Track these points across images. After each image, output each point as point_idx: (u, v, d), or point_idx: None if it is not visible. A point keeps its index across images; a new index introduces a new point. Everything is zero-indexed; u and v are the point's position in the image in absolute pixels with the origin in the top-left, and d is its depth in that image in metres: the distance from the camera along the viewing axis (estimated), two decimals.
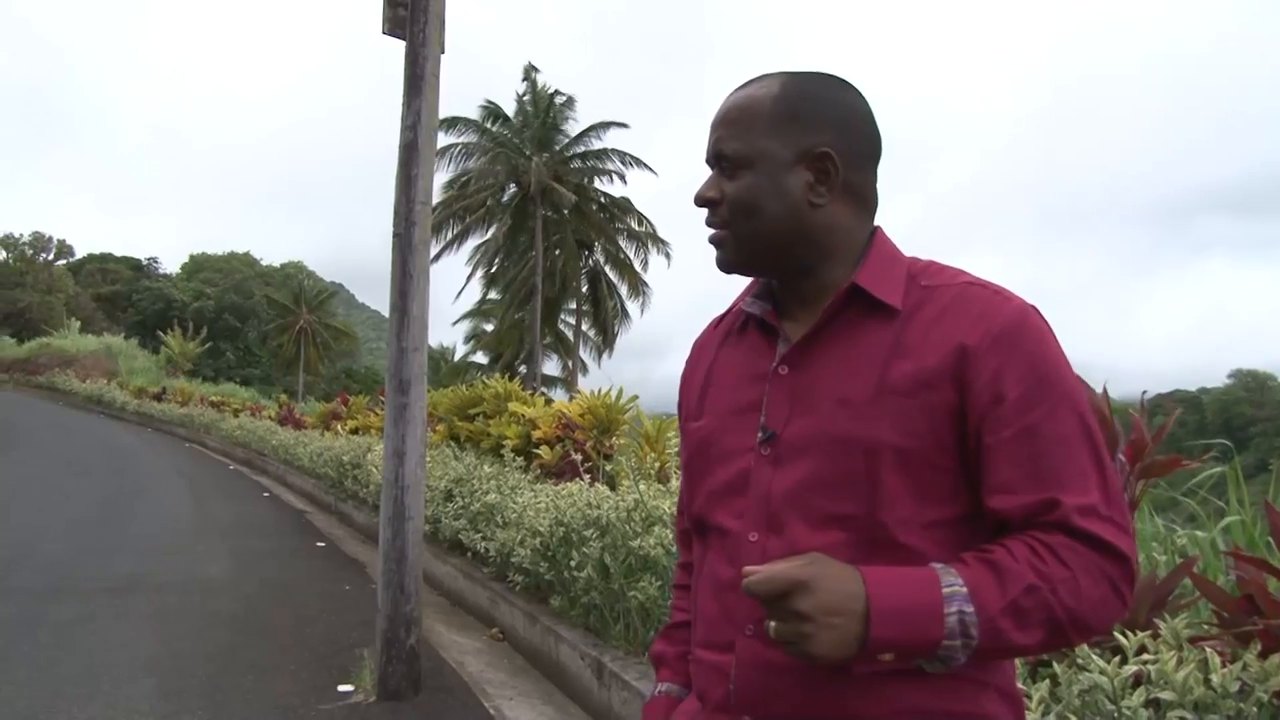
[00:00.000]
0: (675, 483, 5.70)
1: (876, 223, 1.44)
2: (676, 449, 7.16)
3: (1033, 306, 1.32)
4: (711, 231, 1.43)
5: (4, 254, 68.66)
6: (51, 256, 70.99)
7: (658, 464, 6.61)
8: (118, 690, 5.32)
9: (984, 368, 1.25)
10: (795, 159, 1.35)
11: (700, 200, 1.42)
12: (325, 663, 5.91)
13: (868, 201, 1.41)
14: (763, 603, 1.17)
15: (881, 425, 1.27)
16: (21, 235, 70.19)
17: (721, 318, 1.58)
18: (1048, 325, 1.31)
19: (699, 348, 1.60)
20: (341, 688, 5.42)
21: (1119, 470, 2.88)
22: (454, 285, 45.00)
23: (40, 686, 5.38)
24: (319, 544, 10.76)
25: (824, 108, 1.37)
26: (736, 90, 1.42)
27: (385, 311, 5.79)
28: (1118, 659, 2.33)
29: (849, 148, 1.36)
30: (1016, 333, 1.26)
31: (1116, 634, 2.43)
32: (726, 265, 1.43)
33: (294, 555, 10.00)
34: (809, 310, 1.39)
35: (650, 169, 42.83)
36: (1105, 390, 3.03)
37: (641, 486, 5.56)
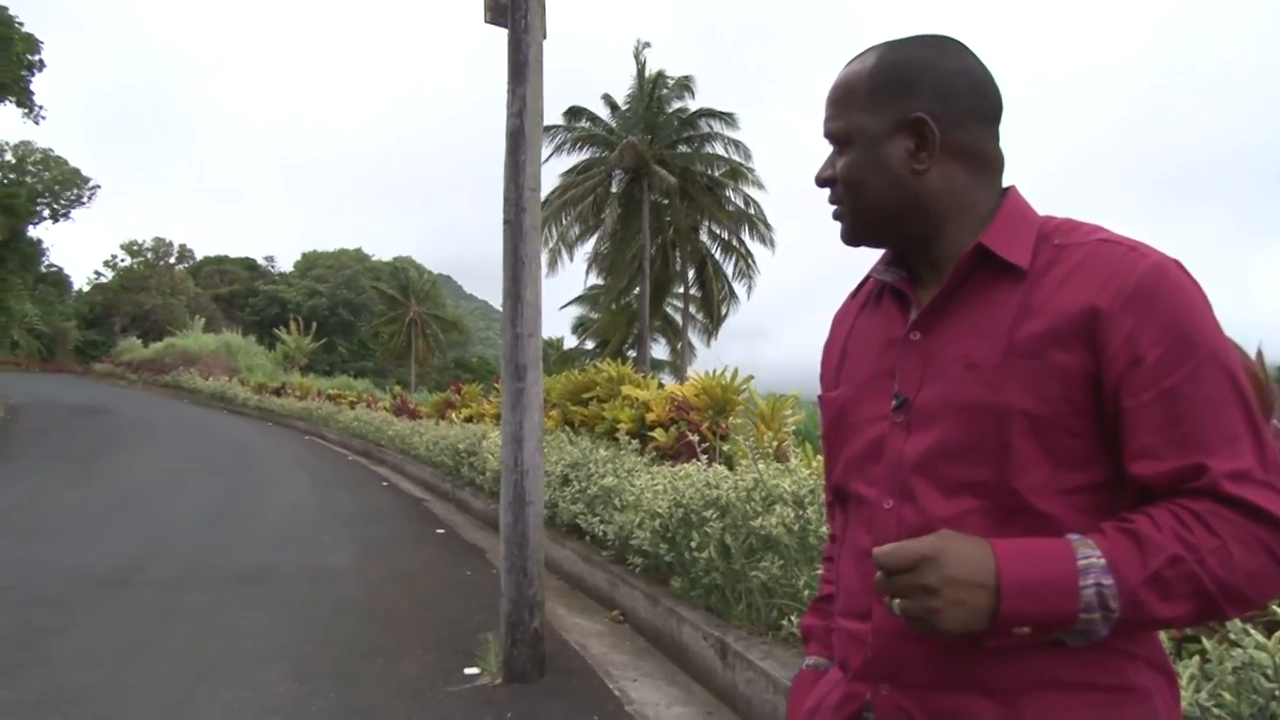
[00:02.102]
0: (794, 461, 5.64)
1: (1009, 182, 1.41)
2: (793, 428, 7.11)
3: (1174, 261, 1.25)
4: (833, 209, 1.43)
5: (129, 259, 70.97)
6: (173, 260, 73.22)
7: (775, 443, 6.55)
8: (253, 674, 5.47)
9: (1118, 329, 1.20)
10: (891, 129, 1.34)
11: (818, 180, 1.44)
12: (450, 646, 5.98)
13: (984, 161, 1.37)
14: (890, 577, 1.16)
15: (1011, 390, 1.23)
16: (144, 241, 72.52)
17: (859, 288, 1.56)
18: (1191, 280, 1.24)
19: (838, 319, 1.59)
20: (467, 670, 5.48)
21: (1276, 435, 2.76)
22: (565, 274, 45.30)
23: (181, 671, 5.56)
24: (438, 531, 10.92)
25: (918, 73, 1.34)
26: (842, 68, 1.42)
27: (493, 301, 5.85)
28: (1277, 634, 2.22)
29: (949, 109, 1.33)
30: (1153, 290, 1.21)
31: (1276, 607, 2.32)
32: (848, 239, 1.43)
33: (415, 542, 10.16)
34: (939, 275, 1.37)
35: (749, 145, 42.67)
36: (1260, 352, 2.87)
37: (760, 466, 5.52)
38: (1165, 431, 1.18)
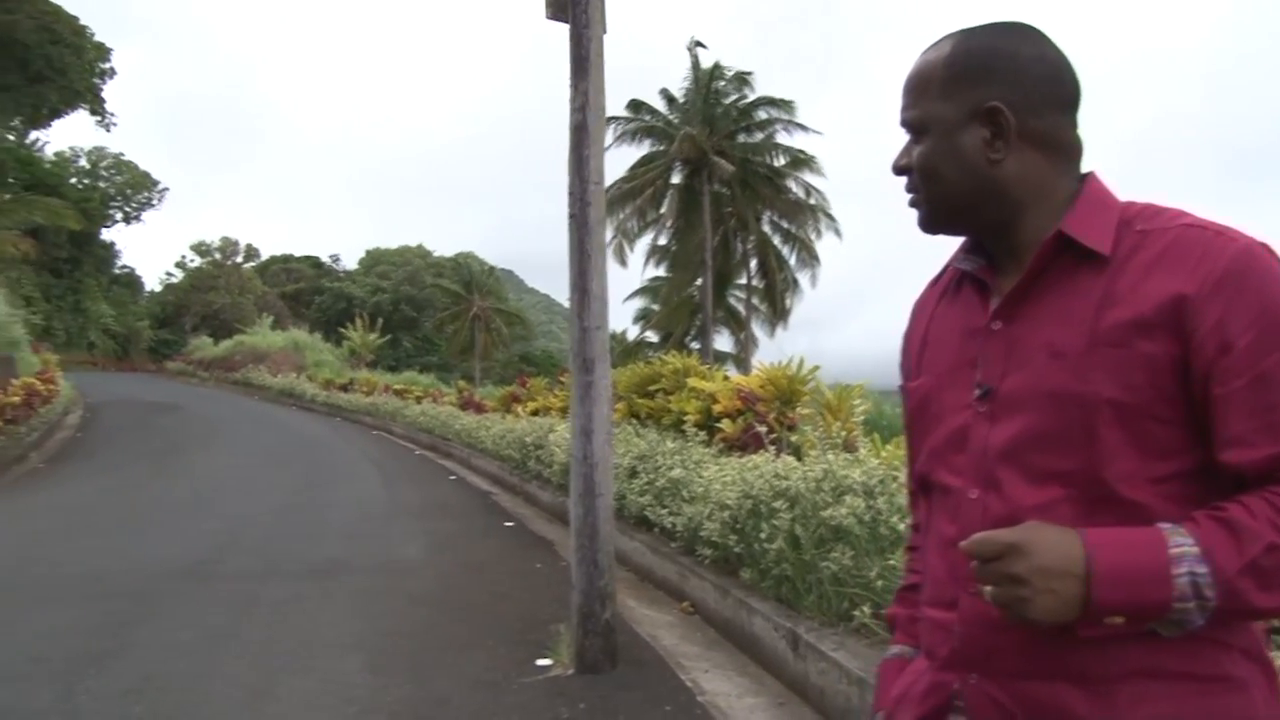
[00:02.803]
0: (864, 452, 5.63)
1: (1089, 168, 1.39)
2: (861, 418, 7.08)
3: (1262, 244, 1.24)
4: (909, 196, 1.43)
5: (198, 260, 72.11)
6: (240, 259, 74.21)
7: (844, 433, 6.53)
8: (330, 665, 5.56)
9: (1206, 316, 1.18)
10: (966, 118, 1.34)
11: (894, 169, 1.44)
12: (522, 638, 6.03)
13: (1062, 147, 1.36)
14: (978, 566, 1.16)
15: (1096, 378, 1.22)
16: (212, 242, 73.61)
17: (938, 276, 1.56)
18: None
19: (918, 308, 1.58)
20: (539, 661, 5.52)
21: None
22: (630, 268, 45.33)
23: (260, 662, 5.68)
24: (507, 524, 11.00)
25: (993, 61, 1.34)
26: (918, 56, 1.42)
27: (555, 295, 5.89)
28: None
29: (1025, 97, 1.32)
30: (1242, 274, 1.19)
31: None
32: (924, 227, 1.43)
33: (484, 535, 10.26)
34: (1019, 263, 1.35)
35: (814, 131, 42.47)
36: None
37: (829, 456, 5.51)
38: (1257, 418, 1.17)
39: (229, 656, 5.79)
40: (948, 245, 1.49)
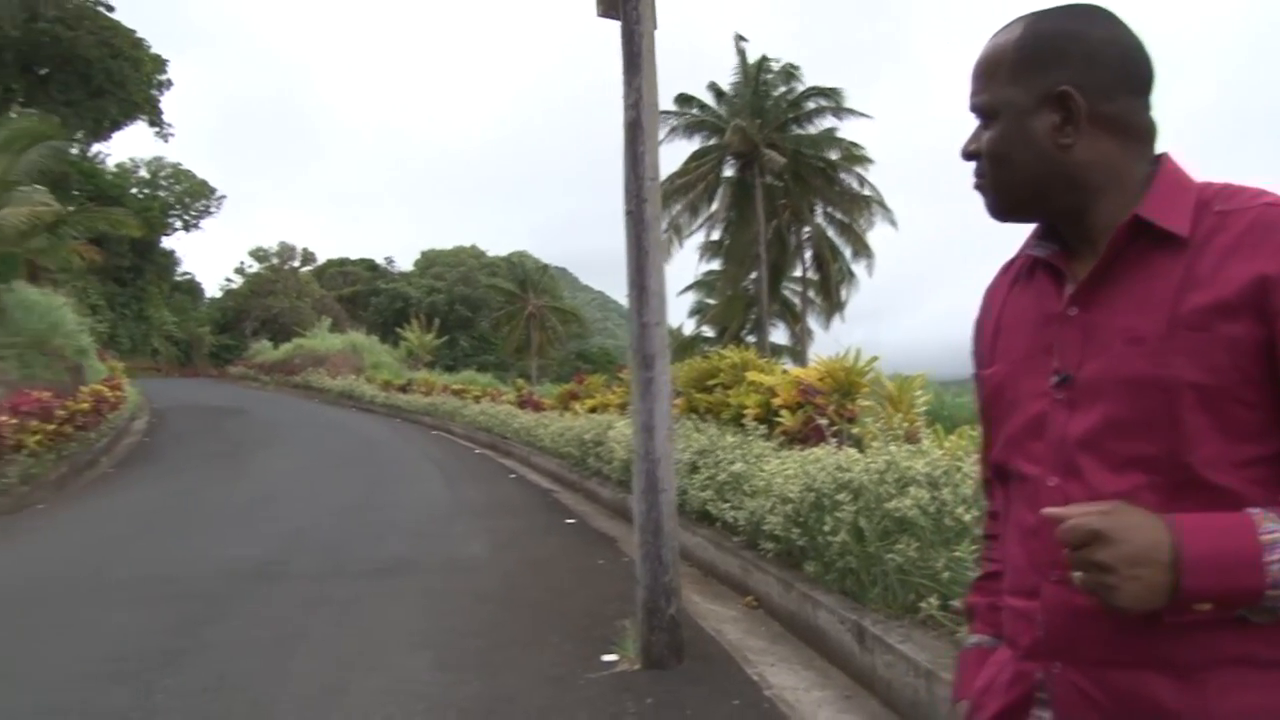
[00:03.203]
0: (927, 443, 5.60)
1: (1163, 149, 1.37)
2: (923, 409, 7.04)
3: None
4: (976, 182, 1.42)
5: (256, 265, 73.04)
6: (297, 264, 75.02)
7: (905, 424, 6.50)
8: (399, 663, 5.62)
9: None
10: (1037, 103, 1.32)
11: (964, 154, 1.42)
12: (587, 634, 6.06)
13: (1135, 131, 1.34)
14: (1067, 551, 1.15)
15: (1177, 362, 1.20)
16: (270, 247, 74.53)
17: (1010, 263, 1.54)
18: None
19: (989, 295, 1.56)
20: (605, 657, 5.54)
21: None
22: (680, 263, 45.33)
23: (330, 660, 5.77)
24: (568, 521, 11.05)
25: (1064, 44, 1.32)
26: (989, 40, 1.41)
27: (610, 292, 5.90)
28: None
29: (1096, 81, 1.31)
30: None
31: None
32: (994, 214, 1.42)
33: (545, 532, 10.31)
34: (1094, 248, 1.34)
35: (864, 114, 42.23)
36: None
37: (892, 448, 5.49)
38: None
39: (299, 655, 5.88)
40: (1007, 234, 1.47)
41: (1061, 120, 1.31)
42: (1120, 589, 1.11)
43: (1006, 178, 1.37)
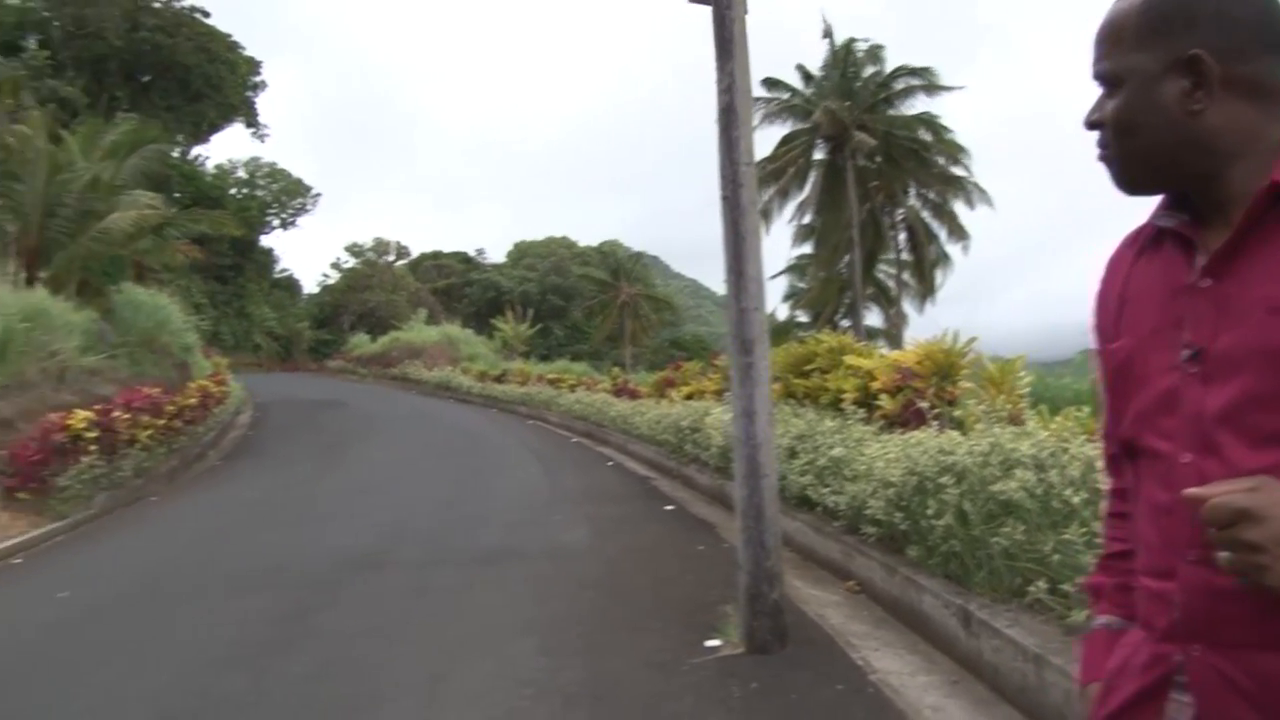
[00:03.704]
0: (1031, 424, 5.52)
1: None
2: (1025, 390, 6.93)
3: None
4: (1100, 153, 1.37)
5: (353, 260, 74.23)
6: (392, 258, 76.05)
7: (1008, 406, 6.41)
8: (503, 649, 5.71)
9: None
10: (1165, 69, 1.27)
11: (1087, 124, 1.38)
12: (689, 619, 6.08)
13: (1272, 93, 1.28)
14: (1210, 531, 1.11)
15: None
16: (365, 242, 75.72)
17: (1136, 233, 1.47)
18: None
19: (1112, 266, 1.50)
20: (709, 642, 5.56)
21: None
22: (772, 248, 45.10)
23: (438, 646, 5.88)
24: (667, 507, 11.08)
25: (1193, 6, 1.26)
26: (1112, 4, 1.35)
27: (702, 279, 5.89)
28: None
29: (1230, 42, 1.25)
30: None
31: None
32: (1121, 186, 1.37)
33: (645, 519, 10.35)
34: (1227, 217, 1.28)
35: (956, 88, 41.47)
36: None
37: (996, 430, 5.42)
38: None
39: (405, 642, 6.00)
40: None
41: (1191, 85, 1.26)
42: (1272, 569, 1.07)
43: (1133, 148, 1.32)
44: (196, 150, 57.78)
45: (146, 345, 19.62)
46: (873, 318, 44.57)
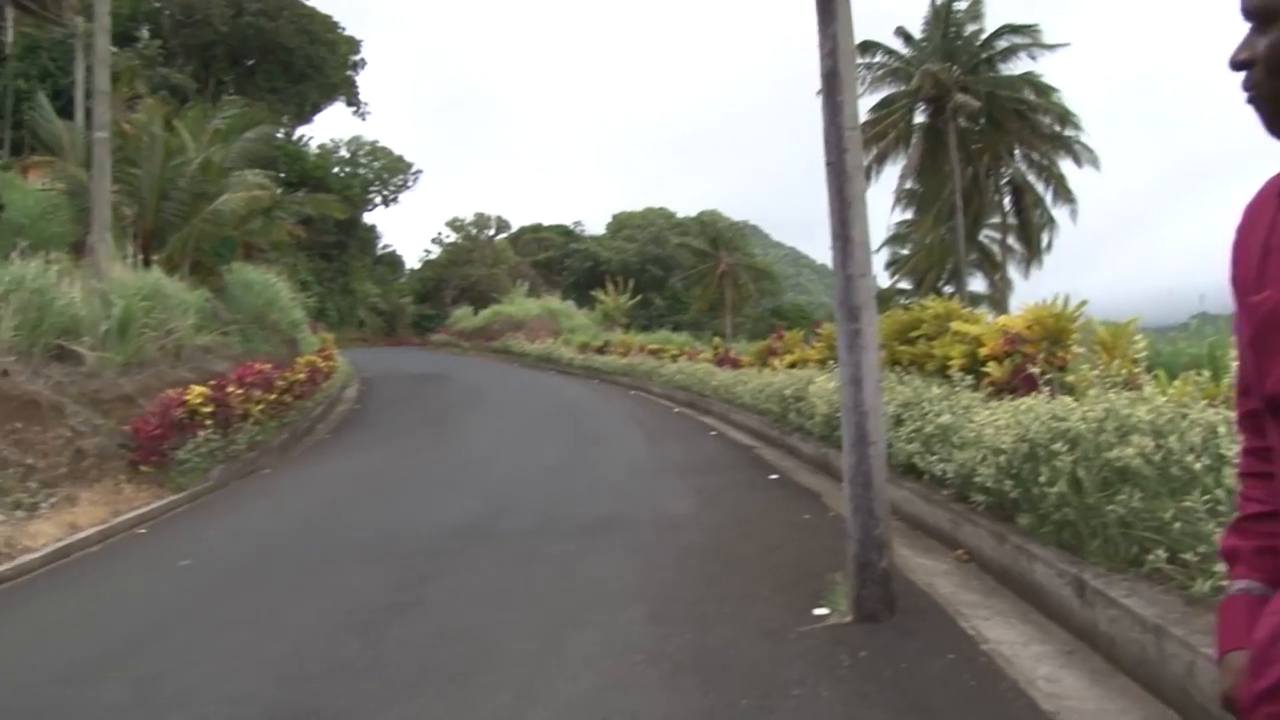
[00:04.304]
0: (1149, 389, 5.38)
1: None
2: (1141, 355, 6.75)
3: None
4: (1249, 95, 1.28)
5: (454, 235, 75.11)
6: (492, 232, 76.75)
7: (1123, 371, 6.26)
8: (611, 617, 5.77)
9: None
10: None
11: (1233, 63, 1.28)
12: (797, 588, 6.07)
13: None
14: None
15: None
16: (466, 217, 76.54)
17: (1278, 179, 1.38)
18: None
19: (1254, 213, 1.41)
20: (817, 611, 5.55)
21: None
22: (872, 214, 44.45)
23: (547, 613, 5.95)
24: (771, 476, 11.05)
25: None
26: None
27: (801, 247, 5.82)
28: None
29: None
30: None
31: None
32: (1272, 129, 1.28)
33: (749, 489, 10.34)
34: None
35: (1061, 45, 40.44)
36: None
37: (1110, 395, 5.30)
38: None
39: (516, 609, 6.09)
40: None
41: None
42: None
43: None
44: (300, 130, 59.00)
45: (257, 322, 20.16)
46: (977, 284, 43.80)
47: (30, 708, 4.95)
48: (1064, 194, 40.55)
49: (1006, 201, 41.75)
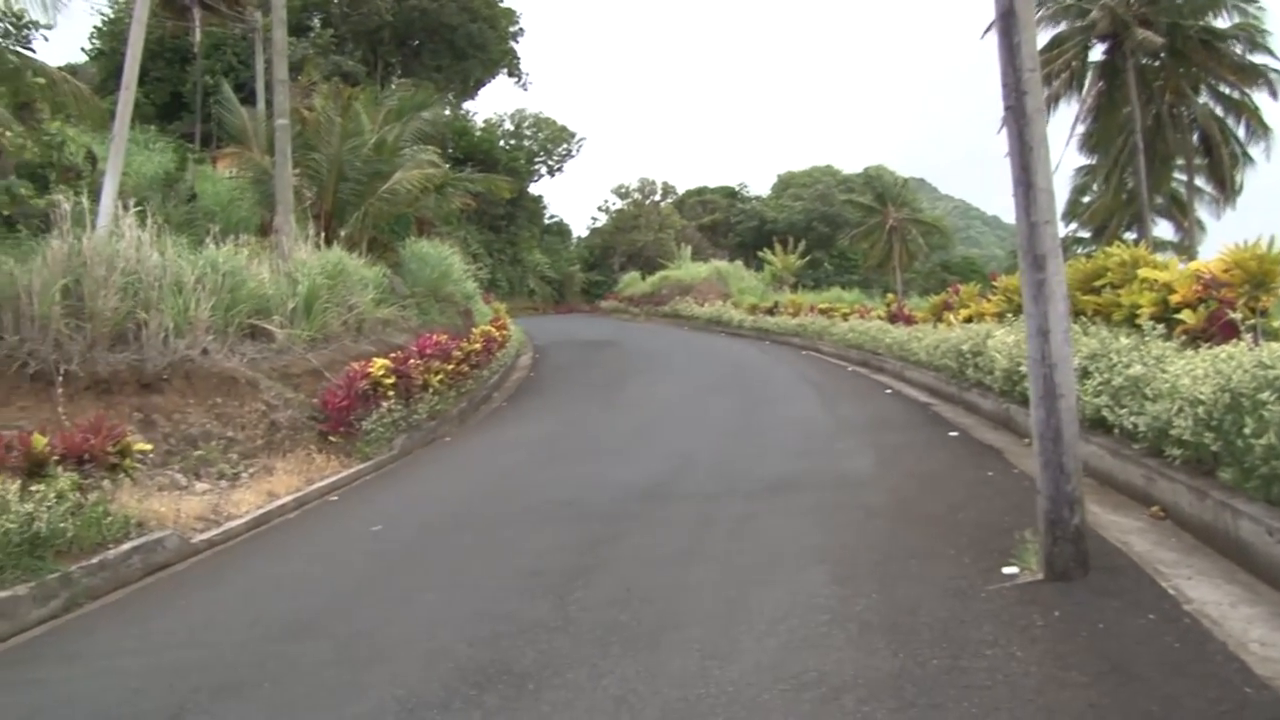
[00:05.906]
0: None
1: None
2: None
3: None
4: None
5: (619, 202, 75.64)
6: (658, 198, 76.97)
7: None
8: (795, 577, 5.73)
9: None
10: None
11: None
12: (983, 546, 5.93)
13: None
14: None
15: None
16: (631, 183, 76.98)
17: None
18: None
19: None
20: (1006, 569, 5.41)
21: None
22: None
23: (729, 574, 5.97)
24: (951, 434, 10.81)
25: None
26: None
27: (970, 199, 5.62)
28: None
29: None
30: None
31: None
32: None
33: (929, 446, 10.13)
34: None
35: None
36: None
37: None
38: None
39: (698, 570, 6.10)
40: None
41: None
42: None
43: None
44: (465, 106, 60.16)
45: (432, 295, 20.70)
46: (1162, 230, 41.86)
47: (248, 661, 5.22)
48: (1259, 128, 38.24)
49: (1194, 140, 39.59)
